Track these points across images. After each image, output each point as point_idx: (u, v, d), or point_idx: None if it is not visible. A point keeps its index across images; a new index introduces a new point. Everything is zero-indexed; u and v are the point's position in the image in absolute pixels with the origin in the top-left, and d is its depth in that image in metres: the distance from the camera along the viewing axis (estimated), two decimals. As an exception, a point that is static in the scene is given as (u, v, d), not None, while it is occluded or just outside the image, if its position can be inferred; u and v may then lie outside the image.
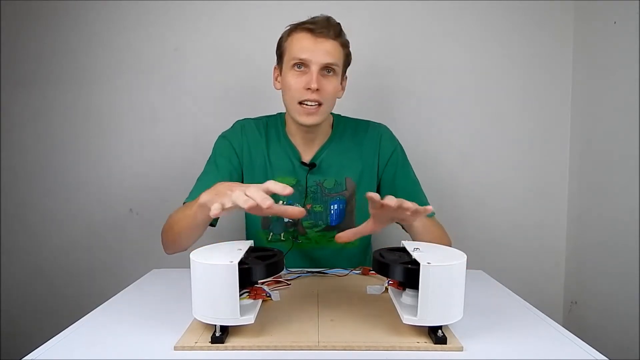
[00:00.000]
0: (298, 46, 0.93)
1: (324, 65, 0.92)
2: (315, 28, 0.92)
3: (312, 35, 0.92)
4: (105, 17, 1.41)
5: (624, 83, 1.19)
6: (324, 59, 0.92)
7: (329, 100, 0.96)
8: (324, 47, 0.92)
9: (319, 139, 1.04)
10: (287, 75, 0.95)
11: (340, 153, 1.04)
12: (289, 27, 0.98)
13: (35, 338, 0.64)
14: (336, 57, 0.94)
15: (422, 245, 0.66)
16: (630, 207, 1.16)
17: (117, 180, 1.46)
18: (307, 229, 1.05)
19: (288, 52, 0.95)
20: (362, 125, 1.09)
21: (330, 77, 0.95)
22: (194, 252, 0.61)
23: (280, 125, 1.06)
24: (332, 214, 1.04)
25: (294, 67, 0.94)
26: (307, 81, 0.92)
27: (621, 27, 1.21)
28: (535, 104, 1.44)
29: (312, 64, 0.92)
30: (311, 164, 1.03)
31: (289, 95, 0.95)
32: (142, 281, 0.91)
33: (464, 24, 1.43)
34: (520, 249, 1.48)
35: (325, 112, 0.97)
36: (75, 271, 1.48)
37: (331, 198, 1.04)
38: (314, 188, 1.03)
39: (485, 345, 0.60)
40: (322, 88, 0.92)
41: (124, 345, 0.60)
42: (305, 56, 0.92)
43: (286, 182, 1.01)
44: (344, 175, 1.04)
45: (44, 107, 1.44)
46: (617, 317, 1.22)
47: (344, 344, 0.58)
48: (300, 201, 1.02)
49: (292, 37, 0.95)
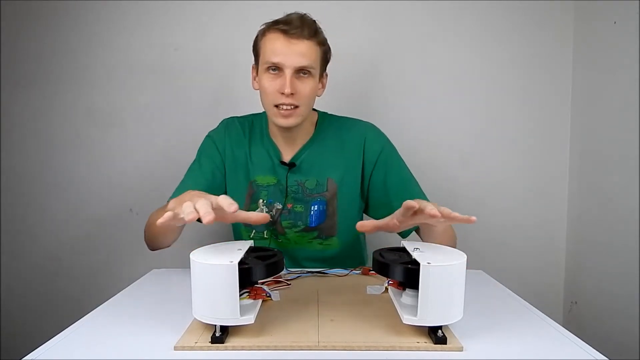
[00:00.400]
0: (270, 48, 0.91)
1: (297, 69, 0.90)
2: (289, 29, 0.89)
3: (285, 37, 0.90)
4: (105, 17, 1.41)
5: (624, 83, 1.19)
6: (298, 62, 0.90)
7: (306, 101, 0.94)
8: (298, 49, 0.90)
9: (301, 139, 1.03)
10: (262, 78, 0.94)
11: (322, 153, 1.03)
12: (264, 25, 0.95)
13: (35, 338, 0.64)
14: (311, 58, 0.92)
15: (422, 245, 0.66)
16: (630, 207, 1.16)
17: (117, 180, 1.46)
18: (286, 229, 1.03)
19: (262, 53, 0.94)
20: (346, 124, 1.06)
21: (306, 79, 0.92)
22: (194, 252, 0.61)
23: (264, 124, 1.06)
24: (312, 214, 1.02)
25: (268, 70, 0.92)
26: (281, 85, 0.90)
27: (621, 27, 1.21)
28: (535, 104, 1.44)
29: (285, 68, 0.90)
30: (290, 163, 1.02)
31: (265, 99, 0.95)
32: (142, 281, 0.91)
33: (464, 24, 1.43)
34: (520, 249, 1.48)
35: (303, 114, 0.95)
36: (75, 271, 1.48)
37: (312, 199, 1.02)
38: (295, 188, 1.02)
39: (485, 345, 0.60)
40: (297, 91, 0.91)
41: (124, 345, 0.60)
42: (277, 60, 0.90)
43: (267, 180, 1.03)
44: (325, 175, 1.02)
45: (44, 107, 1.44)
46: (617, 317, 1.22)
47: (344, 344, 0.58)
48: (281, 200, 1.02)
49: (266, 37, 0.93)
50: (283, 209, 1.02)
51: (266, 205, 1.03)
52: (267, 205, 1.03)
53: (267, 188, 1.03)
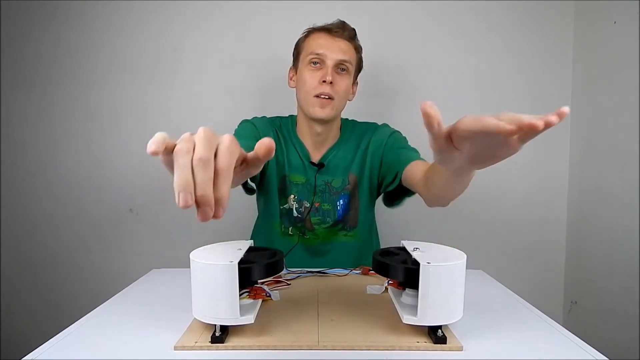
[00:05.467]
0: (315, 43, 0.99)
1: (338, 62, 0.98)
2: (332, 28, 0.99)
3: (328, 34, 0.99)
4: (105, 17, 1.42)
5: (624, 83, 1.19)
6: (339, 55, 0.98)
7: (341, 96, 1.00)
8: (339, 45, 0.98)
9: (328, 142, 1.08)
10: (303, 72, 1.00)
11: (346, 154, 1.08)
12: (307, 30, 1.04)
13: (35, 338, 0.64)
14: (350, 56, 1.00)
15: (422, 245, 0.66)
16: (630, 207, 1.16)
17: (117, 180, 1.46)
18: (315, 225, 1.08)
19: (305, 50, 1.01)
20: (366, 126, 1.12)
21: (344, 75, 1.00)
22: (194, 252, 0.61)
23: (291, 126, 1.09)
24: (339, 209, 1.08)
25: (310, 63, 0.99)
26: (323, 74, 0.97)
27: (621, 27, 1.21)
28: (535, 103, 1.44)
29: (327, 59, 0.97)
30: (320, 163, 1.06)
31: (304, 90, 1.00)
32: (142, 281, 0.91)
33: (464, 24, 1.43)
34: (520, 249, 1.48)
35: (337, 108, 1.01)
36: (75, 271, 1.48)
37: (338, 195, 1.07)
38: (323, 187, 1.07)
39: (485, 345, 0.60)
40: (335, 83, 0.97)
41: (124, 345, 0.60)
42: (321, 51, 0.97)
43: (297, 179, 1.06)
44: (348, 171, 1.07)
45: (44, 107, 1.44)
46: (617, 317, 1.22)
47: (344, 344, 0.58)
48: (309, 199, 1.06)
49: (310, 37, 1.02)
50: (311, 207, 1.06)
51: (296, 201, 1.07)
52: (297, 202, 1.07)
53: (297, 186, 1.07)
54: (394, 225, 1.40)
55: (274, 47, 1.41)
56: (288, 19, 1.41)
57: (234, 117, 1.11)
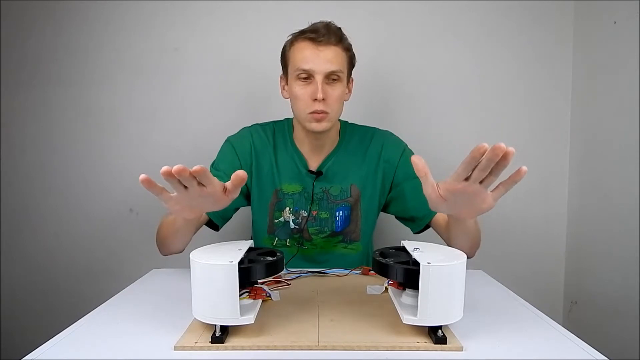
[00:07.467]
0: (300, 56, 0.94)
1: (327, 74, 0.93)
2: (316, 37, 0.92)
3: (313, 45, 0.93)
4: (105, 17, 1.41)
5: (624, 83, 1.19)
6: (327, 67, 0.92)
7: (336, 107, 0.97)
8: (326, 56, 0.92)
9: (327, 147, 1.05)
10: (293, 86, 0.96)
11: (347, 161, 1.05)
12: (290, 36, 0.98)
13: (35, 338, 0.64)
14: (339, 63, 0.94)
15: (422, 245, 0.66)
16: (630, 207, 1.16)
17: (117, 180, 1.46)
18: (313, 235, 1.06)
19: (291, 62, 0.96)
20: (368, 132, 1.09)
21: (335, 84, 0.95)
22: (194, 252, 0.61)
23: (287, 132, 1.06)
24: (337, 220, 1.05)
25: (298, 77, 0.94)
26: (313, 91, 0.92)
27: (621, 27, 1.21)
28: (535, 103, 1.44)
29: (315, 74, 0.92)
30: (318, 172, 1.03)
31: (298, 106, 0.96)
32: (142, 281, 0.91)
33: (464, 24, 1.43)
34: (520, 249, 1.48)
35: (334, 118, 0.98)
36: (75, 271, 1.48)
37: (336, 205, 1.05)
38: (320, 195, 1.04)
39: (485, 345, 0.60)
40: (327, 96, 0.93)
41: (124, 345, 0.60)
42: (308, 67, 0.92)
43: (292, 188, 1.04)
44: (349, 182, 1.05)
45: (44, 107, 1.44)
46: (617, 317, 1.22)
47: (344, 344, 0.58)
48: (306, 208, 1.03)
49: (294, 47, 0.96)
50: (309, 216, 1.04)
51: (292, 213, 1.05)
52: (293, 213, 1.05)
53: (292, 196, 1.04)
54: (394, 225, 1.40)
55: (275, 47, 1.40)
56: (288, 19, 1.40)
57: (233, 116, 1.11)
